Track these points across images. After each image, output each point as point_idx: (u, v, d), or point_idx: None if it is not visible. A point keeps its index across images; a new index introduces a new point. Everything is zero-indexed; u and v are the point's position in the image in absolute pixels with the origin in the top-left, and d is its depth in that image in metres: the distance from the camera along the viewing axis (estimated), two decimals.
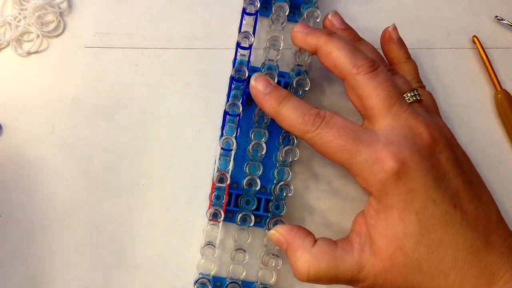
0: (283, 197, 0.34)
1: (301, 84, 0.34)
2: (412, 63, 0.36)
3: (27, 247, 0.34)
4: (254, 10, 0.35)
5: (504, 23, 0.40)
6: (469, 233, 0.27)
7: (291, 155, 0.34)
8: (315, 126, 0.29)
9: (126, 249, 0.35)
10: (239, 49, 0.35)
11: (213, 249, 0.33)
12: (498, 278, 0.27)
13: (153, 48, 0.37)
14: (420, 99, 0.31)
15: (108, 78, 0.36)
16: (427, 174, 0.28)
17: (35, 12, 0.36)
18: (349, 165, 0.28)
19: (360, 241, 0.29)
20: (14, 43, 0.36)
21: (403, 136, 0.28)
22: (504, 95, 0.38)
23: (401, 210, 0.27)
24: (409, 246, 0.27)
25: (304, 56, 0.35)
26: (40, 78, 0.36)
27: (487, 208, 0.29)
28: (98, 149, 0.35)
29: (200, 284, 0.33)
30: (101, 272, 0.34)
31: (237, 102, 0.34)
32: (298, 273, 0.29)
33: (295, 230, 0.30)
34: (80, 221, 0.35)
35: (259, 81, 0.31)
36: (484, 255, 0.27)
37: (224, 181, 0.33)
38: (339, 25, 0.35)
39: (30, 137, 0.35)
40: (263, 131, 0.35)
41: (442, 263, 0.27)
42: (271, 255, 0.34)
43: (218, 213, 0.33)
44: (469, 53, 0.40)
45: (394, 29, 0.36)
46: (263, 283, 0.34)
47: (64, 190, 0.35)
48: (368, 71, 0.29)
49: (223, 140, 0.33)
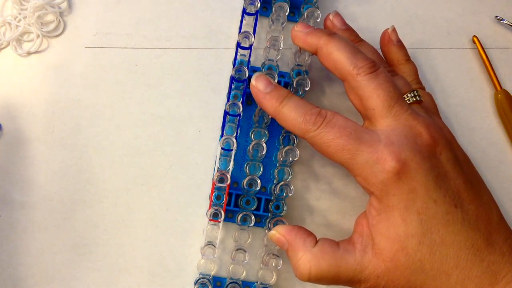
0: (283, 197, 0.34)
1: (301, 84, 0.34)
2: (411, 64, 0.36)
3: (27, 247, 0.34)
4: (254, 10, 0.35)
5: (504, 23, 0.40)
6: (470, 233, 0.27)
7: (291, 155, 0.34)
8: (316, 126, 0.29)
9: (126, 249, 0.35)
10: (239, 49, 0.35)
11: (213, 249, 0.33)
12: (500, 277, 0.27)
13: (153, 48, 0.37)
14: (420, 100, 0.31)
15: (108, 78, 0.36)
16: (428, 174, 0.28)
17: (35, 12, 0.36)
18: (350, 165, 0.29)
19: (362, 242, 0.29)
20: (14, 43, 0.36)
21: (404, 137, 0.28)
22: (504, 95, 0.38)
23: (402, 210, 0.27)
24: (411, 247, 0.27)
25: (304, 56, 0.35)
26: (40, 78, 0.36)
27: (488, 208, 0.29)
28: (98, 149, 0.35)
29: (200, 284, 0.33)
30: (101, 272, 0.34)
31: (237, 102, 0.34)
32: (299, 273, 0.29)
33: (296, 230, 0.30)
34: (80, 221, 0.35)
35: (260, 80, 0.31)
36: (486, 254, 0.27)
37: (224, 181, 0.33)
38: (340, 25, 0.35)
39: (30, 137, 0.35)
40: (263, 131, 0.35)
41: (444, 263, 0.27)
42: (271, 255, 0.34)
43: (218, 213, 0.33)
44: (469, 53, 0.40)
45: (394, 31, 0.36)
46: (263, 283, 0.34)
47: (64, 190, 0.35)
48: (368, 72, 0.29)
49: (223, 140, 0.33)
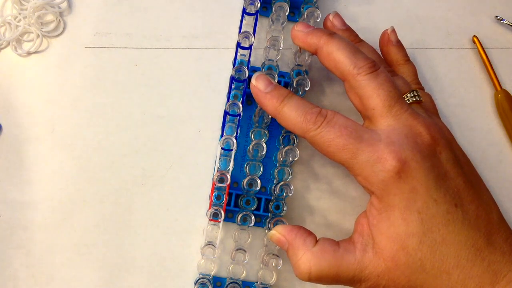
0: (283, 197, 0.34)
1: (301, 84, 0.34)
2: (411, 65, 0.36)
3: (27, 247, 0.34)
4: (254, 10, 0.35)
5: (504, 23, 0.40)
6: (471, 232, 0.27)
7: (291, 155, 0.34)
8: (316, 125, 0.29)
9: (126, 249, 0.35)
10: (239, 49, 0.35)
11: (213, 249, 0.33)
12: (501, 277, 0.27)
13: (153, 48, 0.37)
14: (420, 100, 0.31)
15: (108, 78, 0.36)
16: (428, 174, 0.28)
17: (35, 12, 0.36)
18: (350, 164, 0.29)
19: (362, 241, 0.29)
20: (14, 43, 0.36)
21: (404, 136, 0.28)
22: (504, 95, 0.38)
23: (403, 209, 0.27)
24: (411, 246, 0.27)
25: (304, 56, 0.35)
26: (40, 78, 0.36)
27: (488, 208, 0.29)
28: (98, 149, 0.35)
29: (200, 284, 0.33)
30: (101, 272, 0.34)
31: (237, 102, 0.34)
32: (300, 272, 0.29)
33: (296, 230, 0.30)
34: (80, 221, 0.34)
35: (260, 80, 0.31)
36: (486, 254, 0.27)
37: (224, 181, 0.33)
38: (339, 26, 0.35)
39: (30, 137, 0.35)
40: (263, 131, 0.35)
41: (445, 262, 0.27)
42: (271, 255, 0.34)
43: (218, 213, 0.33)
44: (469, 53, 0.40)
45: (393, 32, 0.36)
46: (263, 283, 0.34)
47: (63, 190, 0.35)
48: (368, 71, 0.29)
49: (223, 140, 0.33)
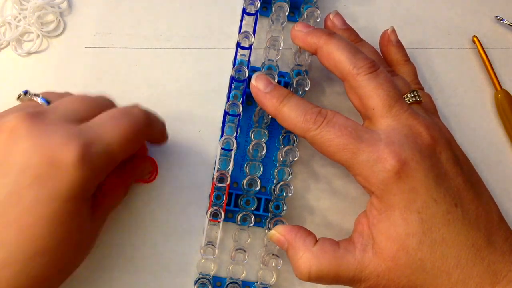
0: (283, 197, 0.34)
1: (301, 84, 0.34)
2: (411, 65, 0.36)
3: None
4: (254, 10, 0.35)
5: (504, 23, 0.40)
6: (471, 232, 0.27)
7: (291, 155, 0.34)
8: (316, 125, 0.29)
9: (126, 249, 0.35)
10: (239, 49, 0.35)
11: (213, 249, 0.33)
12: (501, 277, 0.27)
13: (153, 48, 0.37)
14: (419, 100, 0.31)
15: (108, 78, 0.36)
16: (428, 174, 0.28)
17: (35, 12, 0.36)
18: (350, 164, 0.29)
19: (362, 241, 0.29)
20: (14, 43, 0.36)
21: (404, 136, 0.28)
22: (504, 95, 0.38)
23: (403, 209, 0.27)
24: (412, 246, 0.27)
25: (304, 56, 0.35)
26: (40, 78, 0.36)
27: (488, 208, 0.29)
28: None
29: (200, 284, 0.33)
30: (101, 272, 0.34)
31: (237, 102, 0.34)
32: (300, 272, 0.29)
33: (296, 230, 0.30)
34: None
35: (260, 80, 0.31)
36: (487, 254, 0.27)
37: (224, 181, 0.33)
38: (340, 25, 0.35)
39: None
40: (263, 131, 0.35)
41: (445, 262, 0.27)
42: (271, 255, 0.34)
43: (218, 213, 0.33)
44: (469, 53, 0.40)
45: (393, 32, 0.36)
46: (263, 283, 0.34)
47: None
48: (368, 71, 0.29)
49: (223, 140, 0.33)
